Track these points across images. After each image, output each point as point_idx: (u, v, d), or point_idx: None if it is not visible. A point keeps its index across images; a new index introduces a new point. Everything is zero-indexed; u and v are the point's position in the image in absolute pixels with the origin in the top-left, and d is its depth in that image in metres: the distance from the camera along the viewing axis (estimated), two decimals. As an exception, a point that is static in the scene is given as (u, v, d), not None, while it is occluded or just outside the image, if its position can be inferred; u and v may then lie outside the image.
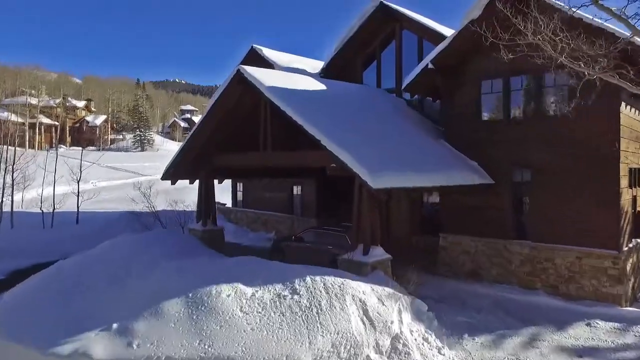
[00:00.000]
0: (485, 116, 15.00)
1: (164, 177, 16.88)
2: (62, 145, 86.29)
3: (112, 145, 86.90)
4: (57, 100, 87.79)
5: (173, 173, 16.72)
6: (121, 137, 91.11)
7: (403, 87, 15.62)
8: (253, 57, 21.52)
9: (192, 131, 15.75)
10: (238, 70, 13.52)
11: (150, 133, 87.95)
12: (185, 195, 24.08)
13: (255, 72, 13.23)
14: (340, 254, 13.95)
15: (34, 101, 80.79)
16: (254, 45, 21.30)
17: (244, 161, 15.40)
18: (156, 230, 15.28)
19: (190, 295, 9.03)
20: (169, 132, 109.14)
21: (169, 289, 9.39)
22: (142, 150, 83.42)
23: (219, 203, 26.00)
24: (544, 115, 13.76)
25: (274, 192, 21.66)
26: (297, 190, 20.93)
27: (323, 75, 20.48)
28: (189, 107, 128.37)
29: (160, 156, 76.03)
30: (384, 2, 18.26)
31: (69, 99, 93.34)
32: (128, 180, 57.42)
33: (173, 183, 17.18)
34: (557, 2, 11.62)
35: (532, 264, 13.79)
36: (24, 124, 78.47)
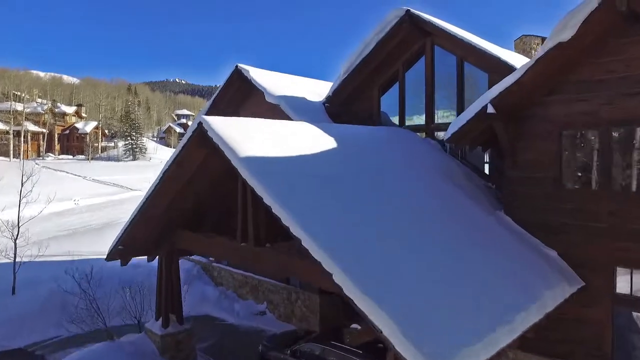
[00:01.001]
0: (570, 184, 10.18)
1: (109, 258, 12.20)
2: (50, 154, 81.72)
3: (102, 154, 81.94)
4: (45, 106, 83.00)
5: (122, 251, 12.03)
6: (112, 144, 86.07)
7: (447, 137, 10.78)
8: (238, 80, 16.71)
9: (141, 201, 10.96)
10: (200, 125, 8.75)
11: (143, 140, 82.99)
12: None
13: (224, 130, 8.44)
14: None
15: (19, 107, 76.02)
16: (238, 65, 16.47)
17: (216, 250, 10.69)
18: (89, 355, 10.44)
19: None
20: (163, 138, 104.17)
21: None
22: (134, 159, 78.58)
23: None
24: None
25: (266, 253, 16.83)
26: (295, 253, 16.11)
27: (329, 104, 15.75)
28: (184, 111, 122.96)
29: (152, 166, 71.54)
30: (412, 10, 13.43)
31: (58, 104, 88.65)
32: (114, 197, 52.86)
33: (124, 264, 12.49)
34: None
35: (653, 417, 9.02)
36: (7, 132, 73.81)
